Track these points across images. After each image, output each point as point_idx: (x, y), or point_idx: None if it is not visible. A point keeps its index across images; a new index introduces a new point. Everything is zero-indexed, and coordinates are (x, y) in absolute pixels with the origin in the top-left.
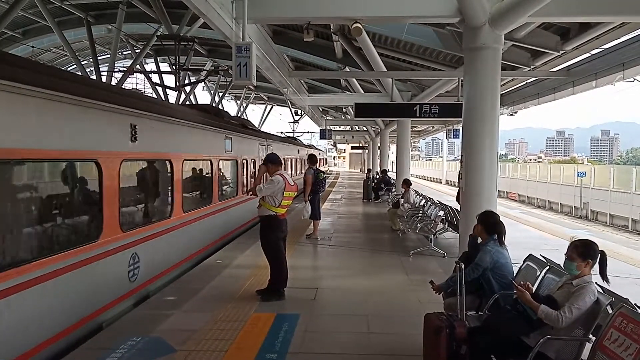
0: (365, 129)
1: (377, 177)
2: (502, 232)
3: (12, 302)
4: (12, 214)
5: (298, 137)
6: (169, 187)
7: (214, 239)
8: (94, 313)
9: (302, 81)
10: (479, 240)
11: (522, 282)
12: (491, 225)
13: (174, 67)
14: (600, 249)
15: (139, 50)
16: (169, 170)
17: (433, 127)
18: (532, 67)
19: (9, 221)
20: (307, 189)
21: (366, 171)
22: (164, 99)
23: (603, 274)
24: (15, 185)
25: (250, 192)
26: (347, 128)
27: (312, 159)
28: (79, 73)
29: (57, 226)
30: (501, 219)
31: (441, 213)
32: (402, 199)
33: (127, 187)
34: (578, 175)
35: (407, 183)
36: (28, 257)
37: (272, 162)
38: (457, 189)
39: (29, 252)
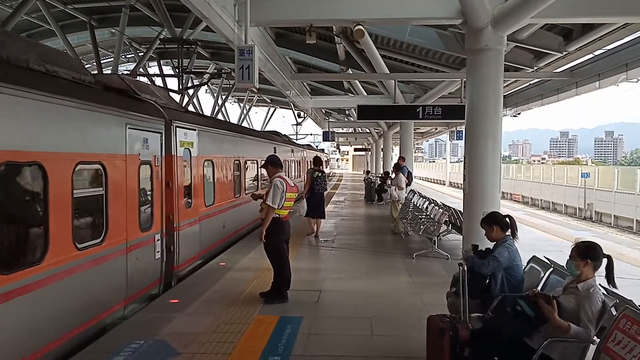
0: (368, 130)
1: (381, 177)
2: (514, 224)
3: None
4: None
5: (301, 139)
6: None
7: None
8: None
9: (304, 83)
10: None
11: (545, 294)
12: (504, 221)
13: (177, 70)
14: (606, 253)
15: (142, 54)
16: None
17: (436, 129)
18: (535, 68)
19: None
20: (307, 187)
21: (365, 172)
22: None
23: (610, 278)
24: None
25: (258, 202)
26: (350, 130)
27: (316, 161)
28: None
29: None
30: None
31: (445, 215)
32: (390, 182)
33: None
34: (582, 177)
35: (397, 168)
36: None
37: (272, 164)
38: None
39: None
